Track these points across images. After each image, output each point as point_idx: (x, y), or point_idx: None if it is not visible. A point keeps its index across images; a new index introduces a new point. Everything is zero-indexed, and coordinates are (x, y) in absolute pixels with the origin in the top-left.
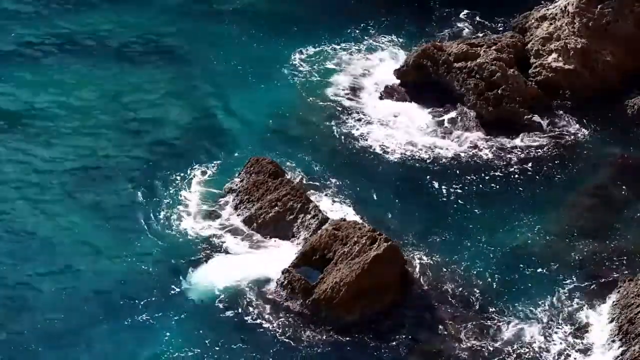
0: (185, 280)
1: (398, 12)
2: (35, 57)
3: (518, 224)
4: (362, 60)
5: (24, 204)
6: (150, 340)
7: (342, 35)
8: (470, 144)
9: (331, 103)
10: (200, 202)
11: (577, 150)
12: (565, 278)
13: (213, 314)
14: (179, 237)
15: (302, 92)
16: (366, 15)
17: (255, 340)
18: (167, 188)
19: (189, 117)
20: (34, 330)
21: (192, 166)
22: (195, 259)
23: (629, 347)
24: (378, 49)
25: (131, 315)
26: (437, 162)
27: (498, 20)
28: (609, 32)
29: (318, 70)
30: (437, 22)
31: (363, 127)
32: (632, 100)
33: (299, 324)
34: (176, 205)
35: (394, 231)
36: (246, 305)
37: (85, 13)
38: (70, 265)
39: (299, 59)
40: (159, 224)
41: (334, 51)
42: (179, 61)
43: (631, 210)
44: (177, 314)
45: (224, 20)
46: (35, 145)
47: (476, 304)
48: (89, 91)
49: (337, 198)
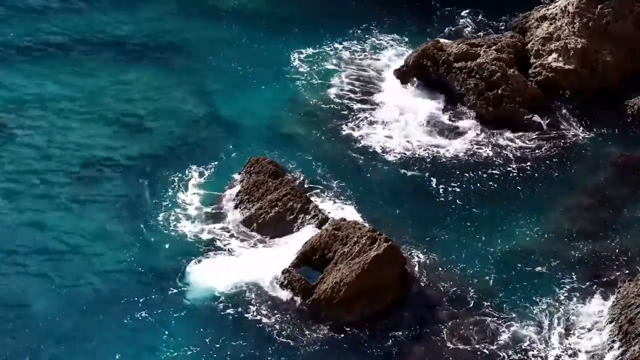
0: (185, 280)
1: (398, 12)
2: (36, 56)
3: (517, 223)
4: (362, 60)
5: (22, 204)
6: (151, 340)
7: (343, 35)
8: (470, 144)
9: (331, 103)
10: (200, 202)
11: (576, 150)
12: (565, 278)
13: (213, 314)
14: (178, 237)
15: (303, 93)
16: (366, 15)
17: (255, 340)
18: (166, 188)
19: (188, 117)
20: (32, 330)
21: (192, 166)
22: (195, 259)
23: (629, 347)
24: (378, 48)
25: (131, 315)
26: (437, 162)
27: (498, 20)
28: (609, 32)
29: (318, 71)
30: (438, 21)
31: (363, 127)
32: (632, 100)
33: (299, 323)
34: (176, 206)
35: (394, 231)
36: (246, 306)
37: (85, 13)
38: (69, 266)
39: (299, 59)
40: (159, 224)
41: (334, 51)
42: (180, 62)
43: (631, 210)
44: (177, 314)
45: (224, 21)
46: (35, 144)
47: (476, 304)
48: (88, 91)
49: (337, 198)
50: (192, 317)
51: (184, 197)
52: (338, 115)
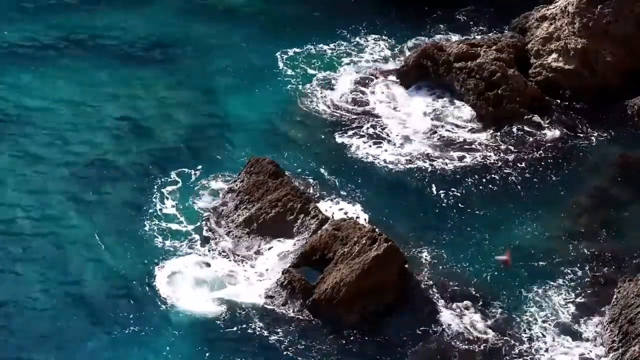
0: (185, 280)
1: (398, 12)
2: (37, 57)
3: (517, 223)
4: (362, 60)
5: (21, 203)
6: (151, 338)
7: (342, 35)
8: (469, 144)
9: (331, 103)
10: (200, 203)
11: (576, 150)
12: (565, 278)
13: (212, 314)
14: (178, 237)
15: (303, 93)
16: (366, 15)
17: (255, 340)
18: (166, 189)
19: (188, 117)
20: (27, 333)
21: (191, 166)
22: (195, 259)
23: (629, 347)
24: (378, 48)
25: (131, 315)
26: (437, 162)
27: (498, 20)
28: (609, 32)
29: (318, 71)
30: (438, 21)
31: (363, 127)
32: (632, 100)
33: (299, 323)
34: (175, 206)
35: (394, 231)
36: (246, 305)
37: (84, 14)
38: (64, 274)
39: (299, 59)
40: (159, 224)
41: (334, 52)
42: (180, 62)
43: (631, 211)
44: (177, 313)
45: (222, 22)
46: (35, 144)
47: (476, 304)
48: (87, 90)
49: (337, 198)
50: (192, 316)
51: (184, 197)
52: (338, 115)
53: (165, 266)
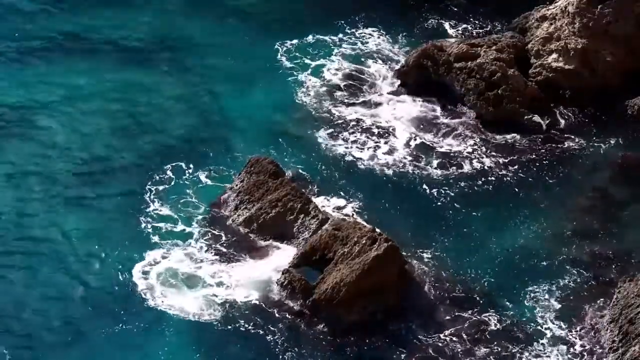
0: (185, 280)
1: (397, 11)
2: (35, 57)
3: (517, 224)
4: (361, 59)
5: (21, 204)
6: (144, 338)
7: (342, 34)
8: (469, 144)
9: (331, 104)
10: (200, 203)
11: (576, 150)
12: (565, 278)
13: (212, 314)
14: (178, 237)
15: (303, 93)
16: (367, 15)
17: (255, 339)
18: (166, 189)
19: (188, 117)
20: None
21: (191, 166)
22: (195, 259)
23: (629, 347)
24: (378, 48)
25: (131, 315)
26: (437, 162)
27: (498, 20)
28: (609, 32)
29: (319, 71)
30: (438, 21)
31: (363, 127)
32: (632, 100)
33: (299, 324)
34: (175, 206)
35: (394, 231)
36: (246, 305)
37: (84, 14)
38: (56, 273)
39: (300, 56)
40: (159, 224)
41: (334, 50)
42: (179, 62)
43: (631, 211)
44: (177, 313)
45: (222, 20)
46: (35, 144)
47: (475, 304)
48: (87, 90)
49: (338, 198)
50: (192, 316)
51: (184, 198)
52: (338, 115)
53: (162, 265)
